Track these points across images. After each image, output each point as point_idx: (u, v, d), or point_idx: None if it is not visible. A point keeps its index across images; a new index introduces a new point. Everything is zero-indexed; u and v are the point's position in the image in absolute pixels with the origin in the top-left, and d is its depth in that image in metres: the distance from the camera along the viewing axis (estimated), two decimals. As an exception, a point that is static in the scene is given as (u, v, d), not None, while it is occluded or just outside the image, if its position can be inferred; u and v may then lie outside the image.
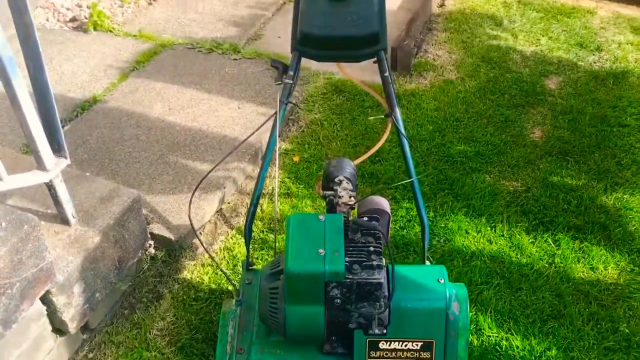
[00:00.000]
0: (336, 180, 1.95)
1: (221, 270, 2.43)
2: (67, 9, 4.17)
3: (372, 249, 1.65)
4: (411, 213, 2.73)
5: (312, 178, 2.93)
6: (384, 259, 1.66)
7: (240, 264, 2.48)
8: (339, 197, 1.89)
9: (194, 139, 3.03)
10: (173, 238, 2.48)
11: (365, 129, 3.24)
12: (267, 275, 1.77)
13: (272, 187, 2.89)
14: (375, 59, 1.99)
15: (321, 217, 1.72)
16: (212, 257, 2.51)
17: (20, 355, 1.80)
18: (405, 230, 2.66)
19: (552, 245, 2.61)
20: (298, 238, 1.66)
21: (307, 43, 1.97)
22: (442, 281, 1.72)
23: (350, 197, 1.90)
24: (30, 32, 1.66)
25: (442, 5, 4.43)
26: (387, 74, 2.00)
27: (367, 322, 1.65)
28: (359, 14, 1.94)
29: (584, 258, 2.56)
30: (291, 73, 1.99)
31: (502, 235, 2.65)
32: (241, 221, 2.74)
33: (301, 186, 2.89)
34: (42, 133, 1.78)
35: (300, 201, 2.81)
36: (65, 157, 1.89)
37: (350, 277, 1.59)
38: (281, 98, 2.00)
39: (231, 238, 2.65)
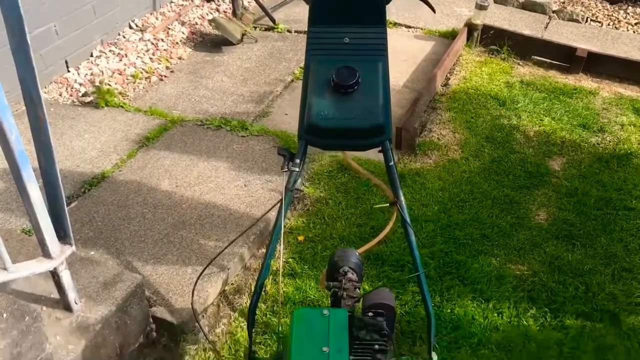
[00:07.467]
0: (341, 271, 1.94)
1: None
2: (80, 84, 4.29)
3: (377, 347, 1.62)
4: (417, 298, 2.70)
5: (316, 258, 2.92)
6: (389, 356, 1.63)
7: (242, 350, 2.44)
8: (344, 289, 1.87)
9: (199, 218, 3.04)
10: (175, 322, 2.44)
11: (371, 208, 3.24)
12: (270, 371, 1.74)
13: (276, 268, 2.88)
14: (380, 148, 2.04)
15: (325, 312, 1.70)
16: (214, 347, 2.47)
17: None
18: (411, 316, 2.62)
19: (561, 332, 2.56)
20: (302, 335, 1.64)
21: (314, 133, 2.02)
22: (448, 380, 1.68)
23: (355, 288, 1.89)
24: (42, 125, 1.70)
25: (445, 85, 4.52)
26: (392, 163, 2.04)
27: (371, 423, 1.60)
28: (365, 106, 2.00)
29: (593, 347, 2.50)
30: (297, 161, 2.03)
31: (510, 322, 2.61)
32: (244, 302, 2.71)
33: (305, 267, 2.87)
34: (50, 224, 1.79)
35: (304, 282, 2.79)
36: (71, 244, 1.90)
37: (355, 377, 1.56)
38: (287, 185, 2.03)
39: (234, 321, 2.61)
